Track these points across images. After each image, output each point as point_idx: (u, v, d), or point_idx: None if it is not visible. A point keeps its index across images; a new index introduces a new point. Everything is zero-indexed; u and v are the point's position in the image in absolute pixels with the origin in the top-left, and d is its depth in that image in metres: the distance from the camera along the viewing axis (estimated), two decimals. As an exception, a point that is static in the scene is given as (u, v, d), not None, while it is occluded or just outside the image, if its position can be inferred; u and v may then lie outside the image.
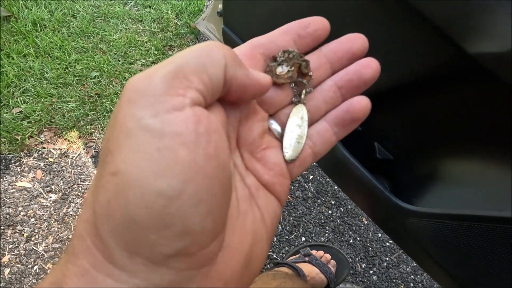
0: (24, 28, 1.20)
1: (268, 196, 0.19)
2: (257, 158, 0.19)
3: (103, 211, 0.12)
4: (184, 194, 0.12)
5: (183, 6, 1.51)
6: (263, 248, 0.17)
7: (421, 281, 0.96)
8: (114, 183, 0.12)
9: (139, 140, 0.12)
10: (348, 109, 0.19)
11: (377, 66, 0.19)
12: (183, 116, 0.12)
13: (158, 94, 0.12)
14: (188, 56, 0.14)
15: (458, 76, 0.26)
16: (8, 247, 0.79)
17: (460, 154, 0.32)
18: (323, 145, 0.20)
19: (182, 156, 0.12)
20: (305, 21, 0.18)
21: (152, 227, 0.12)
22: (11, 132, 0.95)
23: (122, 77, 1.18)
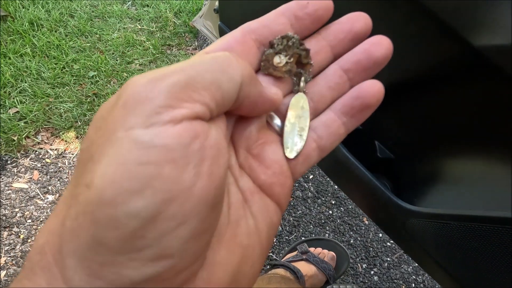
0: (21, 28, 1.19)
1: (265, 201, 0.16)
2: (253, 155, 0.16)
3: (70, 225, 0.11)
4: (162, 216, 0.10)
5: (181, 5, 1.50)
6: (255, 265, 0.15)
7: (422, 282, 0.95)
8: (86, 196, 0.11)
9: (123, 151, 0.11)
10: (359, 95, 0.16)
11: (388, 44, 0.16)
12: (178, 130, 0.11)
13: (158, 104, 0.11)
14: (203, 68, 0.12)
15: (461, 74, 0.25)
16: (4, 249, 0.79)
17: (462, 154, 0.31)
18: (330, 137, 0.17)
19: (167, 173, 0.11)
20: (303, 1, 0.16)
21: (121, 250, 0.10)
22: (8, 132, 0.94)
23: (120, 77, 1.17)
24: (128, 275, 0.10)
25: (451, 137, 0.31)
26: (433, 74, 0.27)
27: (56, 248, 0.11)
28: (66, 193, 0.12)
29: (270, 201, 0.16)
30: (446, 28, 0.21)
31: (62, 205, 0.12)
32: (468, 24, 0.20)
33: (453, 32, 0.21)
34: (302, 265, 0.75)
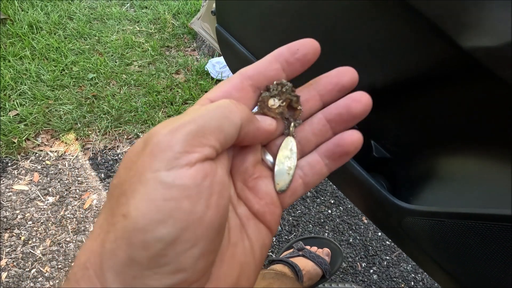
0: (20, 31, 1.20)
1: (258, 225, 0.19)
2: (249, 187, 0.19)
3: (110, 247, 0.14)
4: (180, 239, 0.13)
5: (180, 7, 1.51)
6: (250, 279, 0.18)
7: (421, 280, 0.96)
8: (123, 224, 0.13)
9: (151, 189, 0.14)
10: (339, 143, 0.19)
11: (367, 101, 0.19)
12: (193, 171, 0.14)
13: (176, 151, 0.14)
14: (210, 117, 0.15)
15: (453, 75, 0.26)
16: (5, 250, 0.79)
17: (457, 152, 0.31)
18: (314, 176, 0.20)
19: (184, 207, 0.14)
20: (294, 46, 0.19)
21: (149, 266, 0.13)
22: (8, 135, 0.95)
23: (119, 78, 1.17)
24: (152, 285, 0.13)
25: (446, 136, 0.31)
26: (426, 75, 0.28)
27: (98, 265, 0.14)
28: (101, 221, 0.15)
29: (263, 226, 0.19)
30: (435, 30, 0.21)
31: (99, 230, 0.14)
32: (457, 26, 0.20)
33: (442, 34, 0.21)
34: (299, 260, 0.77)
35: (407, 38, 0.26)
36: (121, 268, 0.13)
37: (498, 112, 0.25)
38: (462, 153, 0.30)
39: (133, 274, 0.13)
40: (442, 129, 0.31)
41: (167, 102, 1.14)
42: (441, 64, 0.25)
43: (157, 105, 1.12)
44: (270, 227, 0.20)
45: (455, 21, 0.20)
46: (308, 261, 0.77)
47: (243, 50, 0.42)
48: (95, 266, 0.14)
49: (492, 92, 0.24)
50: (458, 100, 0.27)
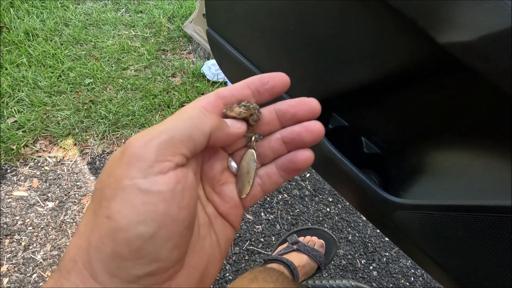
0: (16, 38, 1.21)
1: (224, 223, 0.22)
2: (216, 192, 0.22)
3: (96, 244, 0.16)
4: (157, 236, 0.16)
5: (174, 10, 1.51)
6: (216, 267, 0.21)
7: (421, 275, 0.96)
8: (107, 224, 0.16)
9: (130, 195, 0.16)
10: (293, 160, 0.22)
11: (319, 132, 0.21)
12: (166, 178, 0.16)
13: (150, 160, 0.16)
14: (180, 127, 0.17)
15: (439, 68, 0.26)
16: (6, 256, 0.80)
17: (445, 146, 0.32)
18: (271, 184, 0.23)
19: (160, 209, 0.16)
20: (265, 78, 0.21)
21: (130, 258, 0.15)
22: (6, 142, 0.95)
23: (115, 83, 1.18)
24: (134, 273, 0.16)
25: (433, 131, 0.32)
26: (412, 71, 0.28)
27: (86, 259, 0.16)
28: (86, 220, 0.17)
29: (227, 224, 0.23)
30: (414, 27, 0.22)
31: (84, 229, 0.17)
32: (432, 22, 0.21)
33: (420, 31, 0.22)
34: (294, 256, 0.78)
35: (387, 36, 0.26)
36: (107, 260, 0.15)
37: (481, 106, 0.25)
38: (449, 147, 0.31)
39: (117, 265, 0.15)
40: (429, 124, 0.31)
41: (164, 105, 1.15)
42: (421, 61, 0.25)
43: (154, 109, 1.13)
44: (233, 225, 0.23)
45: (431, 17, 0.21)
46: (303, 255, 0.78)
47: (233, 51, 0.42)
48: (83, 260, 0.16)
49: (471, 86, 0.24)
50: (442, 95, 0.28)
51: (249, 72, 0.42)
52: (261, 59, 0.41)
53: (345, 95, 0.36)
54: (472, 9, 0.19)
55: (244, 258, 0.89)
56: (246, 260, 0.89)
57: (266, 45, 0.38)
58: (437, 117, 0.30)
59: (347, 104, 0.39)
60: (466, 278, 0.31)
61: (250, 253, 0.90)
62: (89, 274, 0.16)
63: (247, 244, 0.91)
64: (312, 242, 0.84)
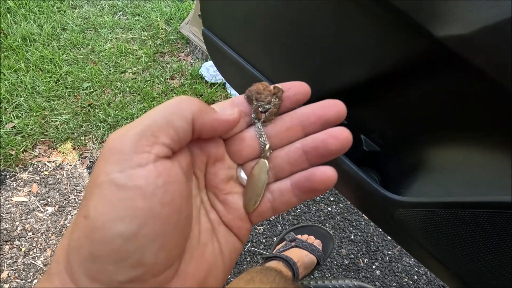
0: (14, 44, 1.20)
1: (228, 232, 0.20)
2: (220, 200, 0.20)
3: (74, 245, 0.15)
4: (139, 235, 0.14)
5: (172, 13, 1.51)
6: (218, 278, 0.19)
7: (425, 273, 0.96)
8: (85, 224, 0.14)
9: (106, 191, 0.14)
10: (310, 178, 0.19)
11: (345, 138, 0.18)
12: (145, 172, 0.15)
13: (126, 153, 0.15)
14: (156, 115, 0.16)
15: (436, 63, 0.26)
16: (7, 262, 0.79)
17: (444, 142, 0.31)
18: (283, 203, 0.20)
19: (140, 205, 0.14)
20: (286, 85, 0.20)
21: (111, 260, 0.14)
22: (5, 147, 0.95)
23: (114, 86, 1.18)
24: (116, 278, 0.14)
25: (432, 127, 0.31)
26: (408, 67, 0.28)
27: (66, 260, 0.15)
28: (72, 223, 0.16)
29: (232, 234, 0.20)
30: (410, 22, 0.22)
31: (69, 230, 0.16)
32: (429, 16, 0.20)
33: (416, 25, 0.21)
34: (293, 252, 0.78)
35: (384, 33, 0.26)
36: (86, 263, 0.14)
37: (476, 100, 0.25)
38: (448, 143, 0.30)
39: (96, 268, 0.14)
40: (427, 120, 0.31)
41: (163, 107, 1.14)
42: (418, 56, 0.25)
43: (153, 111, 1.13)
44: (239, 238, 0.21)
45: (428, 12, 0.20)
46: (302, 250, 0.79)
47: (229, 51, 0.42)
48: (65, 262, 0.15)
49: (469, 81, 0.24)
50: (440, 90, 0.27)
51: (245, 71, 0.42)
52: (257, 58, 0.41)
53: (343, 92, 0.36)
54: (468, 2, 0.19)
55: (246, 259, 0.88)
56: (248, 261, 0.88)
57: (262, 44, 0.38)
58: (436, 113, 0.30)
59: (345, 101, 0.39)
60: (469, 276, 0.30)
61: (251, 254, 0.89)
62: (69, 277, 0.15)
63: (248, 246, 0.91)
64: (310, 239, 0.84)
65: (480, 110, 0.26)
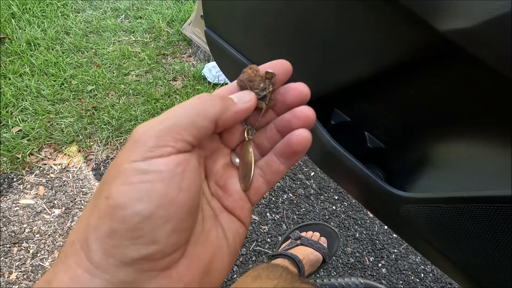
0: (18, 48, 1.22)
1: (231, 217, 0.22)
2: (220, 186, 0.22)
3: (94, 223, 0.16)
4: (154, 215, 0.15)
5: (173, 15, 1.52)
6: (224, 260, 0.20)
7: (431, 271, 0.95)
8: (105, 203, 0.16)
9: (129, 175, 0.16)
10: (288, 143, 0.21)
11: (307, 118, 0.20)
12: (166, 160, 0.16)
13: (150, 146, 0.16)
14: (182, 115, 0.17)
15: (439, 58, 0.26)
16: (15, 264, 0.80)
17: (448, 137, 0.31)
18: (273, 174, 0.22)
19: (159, 188, 0.16)
20: (266, 65, 0.21)
21: (127, 237, 0.15)
22: (12, 151, 0.96)
23: (117, 89, 1.19)
24: (130, 254, 0.15)
25: (436, 122, 0.31)
26: (412, 62, 0.28)
27: (83, 239, 0.16)
28: (88, 206, 0.17)
29: (235, 219, 0.22)
30: (413, 16, 0.22)
31: (85, 213, 0.17)
32: (432, 10, 0.20)
33: (419, 20, 0.21)
34: (298, 250, 0.78)
35: (386, 28, 0.26)
36: (103, 238, 0.15)
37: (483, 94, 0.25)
38: (453, 138, 0.30)
39: (113, 243, 0.15)
40: (431, 115, 0.31)
41: (166, 109, 1.15)
42: (421, 51, 0.25)
43: (157, 113, 1.14)
44: (242, 220, 0.22)
45: (430, 5, 0.20)
46: (307, 248, 0.79)
47: (232, 50, 0.42)
48: (81, 241, 0.16)
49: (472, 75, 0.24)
50: (443, 85, 0.27)
51: (248, 71, 0.42)
52: (260, 57, 0.41)
53: (346, 90, 0.36)
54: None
55: (251, 259, 0.89)
56: (254, 261, 0.88)
57: (264, 42, 0.38)
58: (440, 108, 0.30)
59: (348, 99, 0.39)
60: (476, 271, 0.30)
61: (257, 253, 0.89)
62: (85, 254, 0.15)
63: (253, 245, 0.91)
64: (315, 236, 0.84)
65: (484, 104, 0.25)
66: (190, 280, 0.18)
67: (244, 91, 0.21)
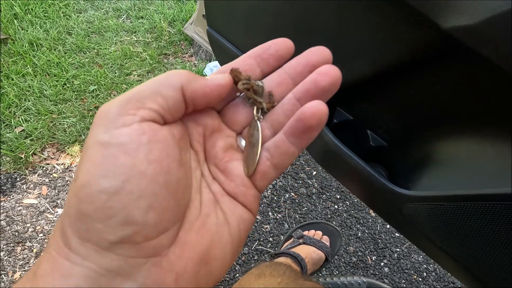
0: (21, 49, 1.22)
1: (233, 202, 0.20)
2: (220, 170, 0.20)
3: (65, 209, 0.15)
4: (123, 191, 0.14)
5: (175, 15, 1.52)
6: (225, 249, 0.18)
7: (434, 270, 0.95)
8: (74, 186, 0.15)
9: (91, 151, 0.15)
10: (299, 117, 0.18)
11: (335, 74, 0.18)
12: (129, 130, 0.15)
13: (112, 116, 0.15)
14: (145, 85, 0.17)
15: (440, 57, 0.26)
16: (19, 263, 0.81)
17: (450, 135, 0.31)
18: (282, 156, 0.19)
19: (122, 161, 0.15)
20: (266, 44, 0.20)
21: (98, 218, 0.14)
22: (15, 151, 0.97)
23: (119, 89, 1.19)
24: (106, 238, 0.14)
25: (438, 120, 0.31)
26: (414, 60, 0.28)
27: (60, 227, 0.15)
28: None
29: (238, 204, 0.20)
30: (416, 13, 0.22)
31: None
32: (435, 7, 0.20)
33: (422, 16, 0.21)
34: (301, 249, 0.78)
35: (388, 26, 0.26)
36: (75, 223, 0.14)
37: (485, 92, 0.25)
38: (455, 136, 0.30)
39: (85, 227, 0.14)
40: (433, 113, 0.31)
41: (168, 108, 1.15)
42: (424, 49, 0.25)
43: (158, 112, 1.14)
44: (247, 207, 0.20)
45: (434, 3, 0.20)
46: (310, 247, 0.79)
47: (234, 50, 0.42)
48: (59, 228, 0.15)
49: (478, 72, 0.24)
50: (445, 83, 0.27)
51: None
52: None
53: (348, 89, 0.36)
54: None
55: (254, 258, 0.89)
56: (256, 260, 0.88)
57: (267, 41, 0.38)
58: (441, 107, 0.29)
59: (350, 97, 0.39)
60: (479, 269, 0.30)
61: (259, 253, 0.90)
62: (63, 242, 0.15)
63: (256, 244, 0.91)
64: (317, 235, 0.84)
65: (488, 102, 0.25)
66: (183, 270, 0.16)
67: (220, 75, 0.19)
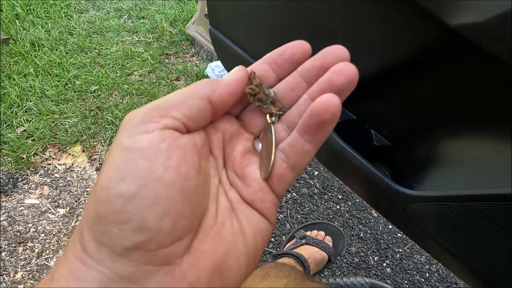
0: (23, 49, 1.23)
1: (250, 210, 0.19)
2: (238, 175, 0.20)
3: (85, 211, 0.15)
4: (139, 195, 0.14)
5: (176, 15, 1.52)
6: (240, 260, 0.18)
7: (436, 271, 0.94)
8: (94, 189, 0.15)
9: (113, 156, 0.15)
10: (312, 113, 0.17)
11: (351, 72, 0.17)
12: (150, 136, 0.15)
13: (136, 122, 0.16)
14: (172, 95, 0.17)
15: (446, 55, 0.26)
16: (20, 263, 0.81)
17: (456, 135, 0.31)
18: (298, 156, 0.19)
19: (141, 165, 0.15)
20: (281, 48, 0.20)
21: (114, 222, 0.14)
22: (17, 151, 0.97)
23: (121, 89, 1.19)
24: (121, 243, 0.14)
25: (443, 119, 0.31)
26: (419, 59, 0.28)
27: (79, 229, 0.15)
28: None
29: (256, 212, 0.19)
30: (423, 11, 0.21)
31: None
32: (443, 5, 0.20)
33: (429, 14, 0.21)
34: (304, 249, 0.78)
35: (396, 25, 0.26)
36: (92, 225, 0.15)
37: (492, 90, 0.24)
38: (460, 135, 0.30)
39: (101, 230, 0.14)
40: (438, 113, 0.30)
41: (169, 108, 1.15)
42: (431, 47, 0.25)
43: (160, 112, 1.14)
44: (264, 215, 0.19)
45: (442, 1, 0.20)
46: (312, 247, 0.78)
47: (236, 48, 0.42)
48: (78, 232, 0.15)
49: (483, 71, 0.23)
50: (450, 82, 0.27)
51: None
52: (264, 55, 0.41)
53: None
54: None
55: (255, 258, 0.88)
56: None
57: (269, 40, 0.38)
58: (447, 105, 0.29)
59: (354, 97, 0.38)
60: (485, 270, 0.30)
61: (261, 253, 0.89)
62: (80, 244, 0.15)
63: (257, 245, 0.90)
64: (320, 235, 0.84)
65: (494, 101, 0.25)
66: (196, 280, 0.16)
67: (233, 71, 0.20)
